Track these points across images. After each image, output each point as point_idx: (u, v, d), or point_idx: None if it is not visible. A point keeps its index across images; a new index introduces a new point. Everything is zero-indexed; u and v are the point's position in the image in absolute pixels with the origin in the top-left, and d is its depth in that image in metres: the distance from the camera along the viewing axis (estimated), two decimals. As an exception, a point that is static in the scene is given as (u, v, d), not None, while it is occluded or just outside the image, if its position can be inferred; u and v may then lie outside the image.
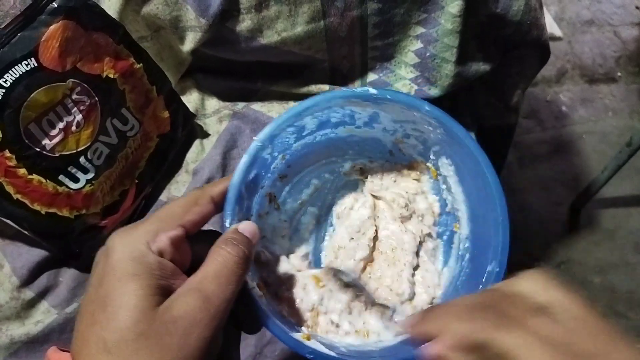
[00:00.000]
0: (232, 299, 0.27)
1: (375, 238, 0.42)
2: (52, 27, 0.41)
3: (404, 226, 0.42)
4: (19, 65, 0.40)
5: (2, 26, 0.40)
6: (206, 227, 0.32)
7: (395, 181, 0.43)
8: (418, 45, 0.58)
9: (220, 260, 0.27)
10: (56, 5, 0.41)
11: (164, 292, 0.26)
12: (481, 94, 0.67)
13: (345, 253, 0.41)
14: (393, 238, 0.41)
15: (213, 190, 0.32)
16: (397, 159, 0.43)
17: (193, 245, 0.30)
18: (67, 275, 0.49)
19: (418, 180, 0.42)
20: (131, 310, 0.24)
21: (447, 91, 0.59)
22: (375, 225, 0.42)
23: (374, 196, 0.43)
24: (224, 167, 0.56)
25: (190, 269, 0.29)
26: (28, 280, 0.47)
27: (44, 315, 0.47)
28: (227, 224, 0.32)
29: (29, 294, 0.47)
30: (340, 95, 0.36)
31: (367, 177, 0.43)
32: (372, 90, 0.35)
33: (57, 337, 0.46)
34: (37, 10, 0.41)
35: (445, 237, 0.42)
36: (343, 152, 0.43)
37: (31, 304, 0.47)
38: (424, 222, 0.42)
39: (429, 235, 0.42)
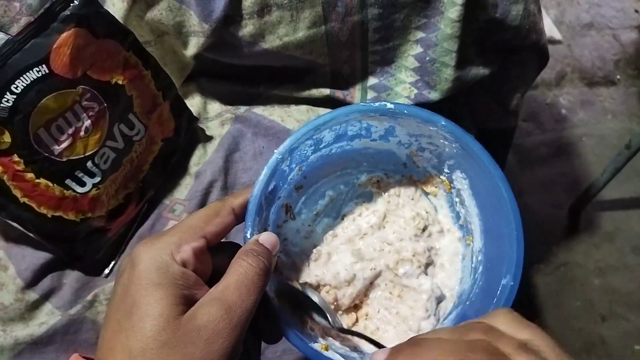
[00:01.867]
0: (253, 309, 0.28)
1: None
2: (64, 35, 0.41)
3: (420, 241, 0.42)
4: (31, 71, 0.40)
5: (13, 33, 0.40)
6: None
7: (412, 199, 0.43)
8: (418, 49, 0.58)
9: (241, 271, 0.28)
10: (69, 13, 0.41)
11: (187, 301, 0.27)
12: (480, 98, 0.67)
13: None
14: (408, 250, 0.41)
15: (234, 202, 0.32)
16: (411, 172, 0.43)
17: (213, 257, 0.31)
18: (71, 277, 0.49)
19: (435, 195, 0.43)
20: (156, 319, 0.25)
21: (446, 95, 0.60)
22: (382, 237, 0.42)
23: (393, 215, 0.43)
24: (226, 170, 0.56)
25: (210, 280, 0.30)
26: (32, 282, 0.48)
27: (47, 317, 0.47)
28: (247, 235, 0.32)
29: (33, 295, 0.47)
30: (358, 110, 0.37)
31: (383, 192, 0.44)
32: (389, 105, 0.36)
33: (60, 339, 0.47)
34: (50, 17, 0.41)
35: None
36: (358, 164, 0.43)
37: (35, 306, 0.48)
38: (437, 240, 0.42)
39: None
